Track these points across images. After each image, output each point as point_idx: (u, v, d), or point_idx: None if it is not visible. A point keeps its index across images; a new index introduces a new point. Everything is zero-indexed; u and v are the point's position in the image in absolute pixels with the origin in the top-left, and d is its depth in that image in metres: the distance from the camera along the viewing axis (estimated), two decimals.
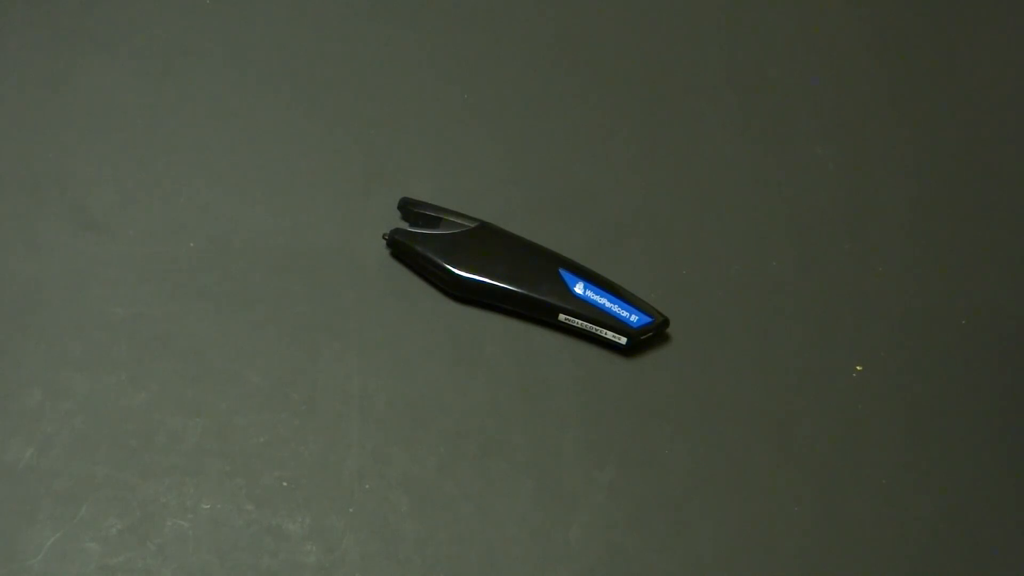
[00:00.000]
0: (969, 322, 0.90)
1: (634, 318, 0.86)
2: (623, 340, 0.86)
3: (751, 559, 0.80)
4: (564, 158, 0.96)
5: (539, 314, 0.87)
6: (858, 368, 0.88)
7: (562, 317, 0.86)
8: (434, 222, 0.89)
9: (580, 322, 0.86)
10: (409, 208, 0.90)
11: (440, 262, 0.87)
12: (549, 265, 0.88)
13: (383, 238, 0.89)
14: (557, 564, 0.79)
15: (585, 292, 0.86)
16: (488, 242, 0.89)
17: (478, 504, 0.81)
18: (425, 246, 0.88)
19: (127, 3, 1.00)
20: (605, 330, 0.86)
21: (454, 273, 0.87)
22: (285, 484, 0.81)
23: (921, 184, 0.97)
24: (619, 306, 0.86)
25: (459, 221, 0.89)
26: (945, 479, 0.84)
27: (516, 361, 0.86)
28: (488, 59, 1.01)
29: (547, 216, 0.92)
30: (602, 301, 0.86)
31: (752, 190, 0.96)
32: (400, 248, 0.89)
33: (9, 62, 0.96)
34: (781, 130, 0.99)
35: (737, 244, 0.93)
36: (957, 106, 1.01)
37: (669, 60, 1.02)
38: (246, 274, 0.88)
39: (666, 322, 0.87)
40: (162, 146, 0.93)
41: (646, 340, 0.87)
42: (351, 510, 0.80)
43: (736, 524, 0.81)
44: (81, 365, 0.84)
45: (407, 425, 0.83)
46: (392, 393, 0.84)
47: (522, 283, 0.87)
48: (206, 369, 0.84)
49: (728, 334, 0.89)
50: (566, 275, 0.87)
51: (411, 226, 0.90)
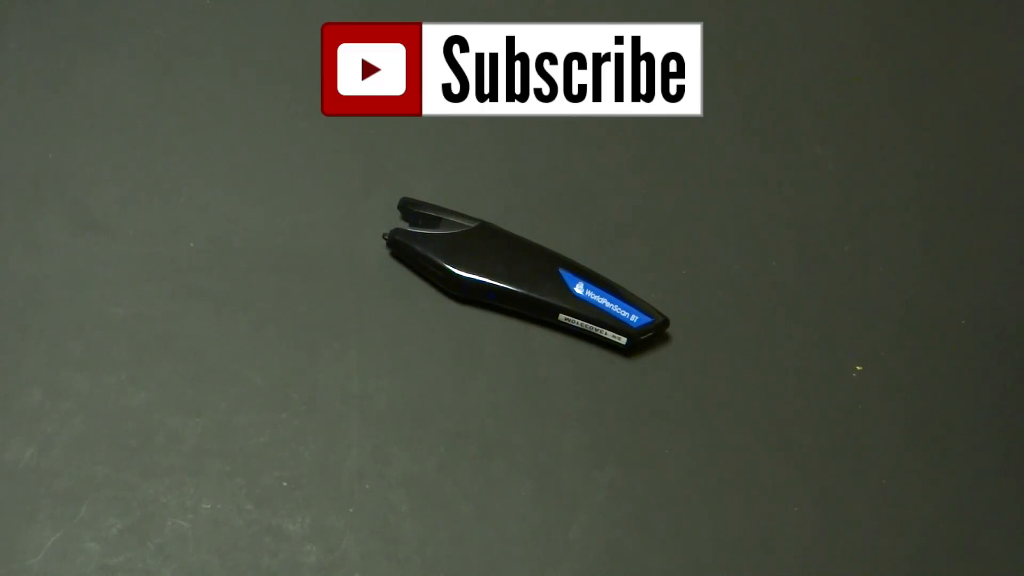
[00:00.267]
0: (969, 322, 0.90)
1: (634, 318, 0.86)
2: (623, 340, 0.86)
3: (751, 559, 0.80)
4: (564, 158, 0.96)
5: (539, 314, 0.87)
6: (858, 368, 0.88)
7: (562, 317, 0.86)
8: (434, 222, 0.89)
9: (580, 322, 0.86)
10: (409, 208, 0.90)
11: (440, 262, 0.87)
12: (549, 265, 0.88)
13: (383, 238, 0.89)
14: (557, 564, 0.79)
15: (585, 292, 0.86)
16: (488, 242, 0.89)
17: (478, 504, 0.81)
18: (425, 246, 0.88)
19: (127, 3, 1.00)
20: (605, 330, 0.86)
21: (454, 273, 0.87)
22: (285, 484, 0.80)
23: (921, 184, 0.97)
24: (619, 306, 0.86)
25: (459, 221, 0.89)
26: (945, 479, 0.84)
27: (516, 361, 0.86)
28: None
29: (547, 216, 0.92)
30: (602, 301, 0.86)
31: (752, 190, 0.96)
32: (400, 248, 0.89)
33: (9, 62, 0.96)
34: (781, 130, 0.99)
35: (737, 244, 0.93)
36: (957, 106, 1.01)
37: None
38: (246, 274, 0.88)
39: (666, 322, 0.87)
40: (162, 146, 0.93)
41: (646, 340, 0.87)
42: (351, 510, 0.80)
43: (736, 524, 0.81)
44: (81, 365, 0.83)
45: (407, 425, 0.83)
46: (392, 393, 0.84)
47: (522, 283, 0.87)
48: (206, 369, 0.84)
49: (728, 334, 0.89)
50: (566, 275, 0.87)
51: (411, 226, 0.90)
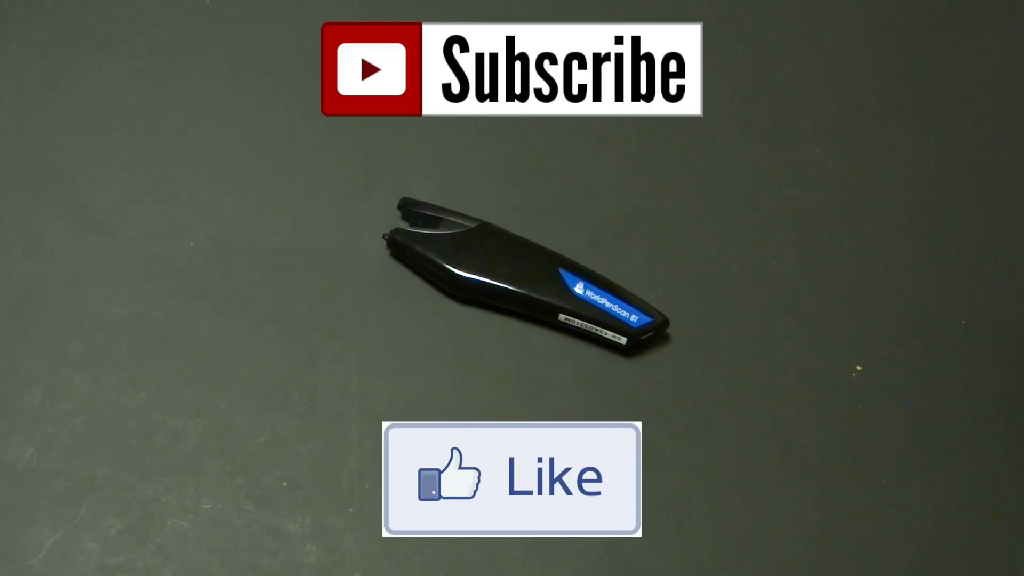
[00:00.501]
0: (969, 322, 0.90)
1: (634, 318, 0.86)
2: (623, 340, 0.86)
3: (751, 559, 0.80)
4: (564, 158, 0.96)
5: (539, 314, 0.87)
6: (858, 368, 0.88)
7: (562, 317, 0.86)
8: (434, 222, 0.89)
9: (580, 322, 0.86)
10: (409, 208, 0.90)
11: (440, 262, 0.87)
12: (549, 265, 0.88)
13: (383, 238, 0.89)
14: (557, 564, 0.79)
15: (585, 292, 0.86)
16: (488, 242, 0.89)
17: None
18: (425, 246, 0.88)
19: (127, 3, 1.00)
20: (605, 330, 0.86)
21: (454, 273, 0.87)
22: (285, 484, 0.80)
23: (921, 184, 0.97)
24: (619, 306, 0.86)
25: (459, 221, 0.89)
26: (945, 479, 0.84)
27: (516, 361, 0.86)
28: None
29: (547, 216, 0.92)
30: (602, 301, 0.86)
31: (752, 190, 0.95)
32: (400, 248, 0.89)
33: (9, 62, 0.96)
34: (781, 130, 0.99)
35: (737, 244, 0.93)
36: (957, 106, 1.01)
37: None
38: (246, 274, 0.88)
39: (666, 322, 0.87)
40: (162, 146, 0.93)
41: (646, 340, 0.87)
42: (351, 510, 0.80)
43: (736, 524, 0.81)
44: (81, 365, 0.83)
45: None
46: (392, 393, 0.84)
47: (522, 283, 0.87)
48: (206, 369, 0.84)
49: (728, 334, 0.89)
50: (566, 275, 0.87)
51: (411, 226, 0.89)
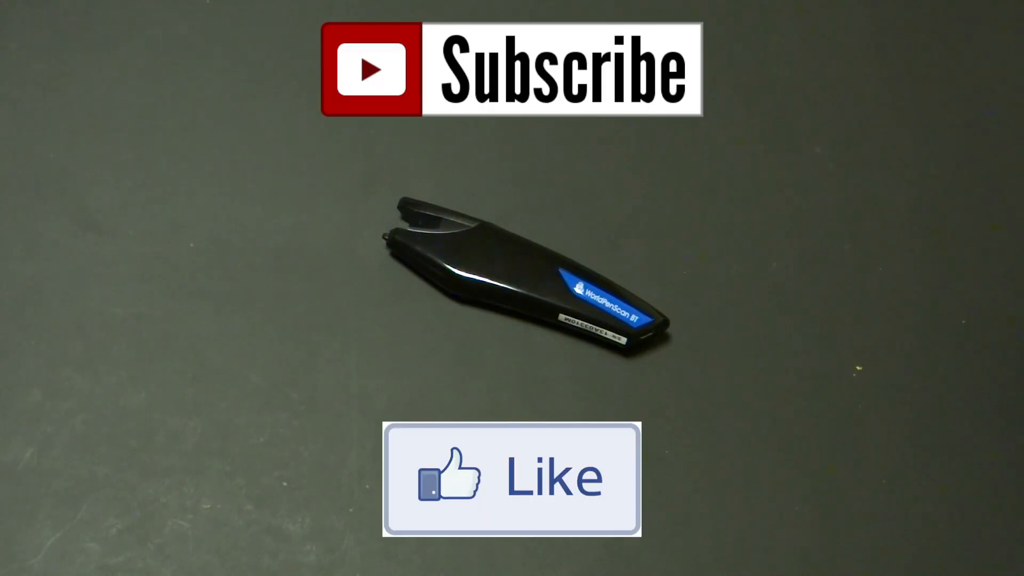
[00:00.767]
0: (969, 322, 0.90)
1: (634, 318, 0.86)
2: (623, 340, 0.86)
3: (751, 559, 0.80)
4: (564, 158, 0.96)
5: (539, 314, 0.87)
6: (858, 368, 0.88)
7: (562, 317, 0.86)
8: (434, 222, 0.89)
9: (580, 322, 0.86)
10: (409, 208, 0.90)
11: (440, 262, 0.87)
12: (549, 265, 0.88)
13: (383, 238, 0.89)
14: (557, 564, 0.79)
15: (585, 292, 0.86)
16: (488, 242, 0.88)
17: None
18: (425, 246, 0.88)
19: (127, 3, 1.00)
20: (605, 330, 0.86)
21: (454, 273, 0.87)
22: (285, 484, 0.80)
23: (921, 184, 0.97)
24: (619, 306, 0.86)
25: (459, 221, 0.89)
26: (945, 479, 0.84)
27: (516, 361, 0.86)
28: None
29: (547, 216, 0.92)
30: (602, 301, 0.86)
31: (752, 190, 0.95)
32: (400, 248, 0.89)
33: (9, 62, 0.96)
34: (781, 130, 0.99)
35: (737, 244, 0.93)
36: (957, 106, 1.01)
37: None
38: (246, 274, 0.88)
39: (666, 322, 0.87)
40: (162, 146, 0.93)
41: (646, 340, 0.87)
42: (351, 510, 0.80)
43: (736, 524, 0.81)
44: (81, 365, 0.83)
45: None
46: (392, 393, 0.84)
47: (522, 283, 0.87)
48: (206, 369, 0.84)
49: (728, 334, 0.89)
50: (566, 275, 0.87)
51: (411, 226, 0.89)
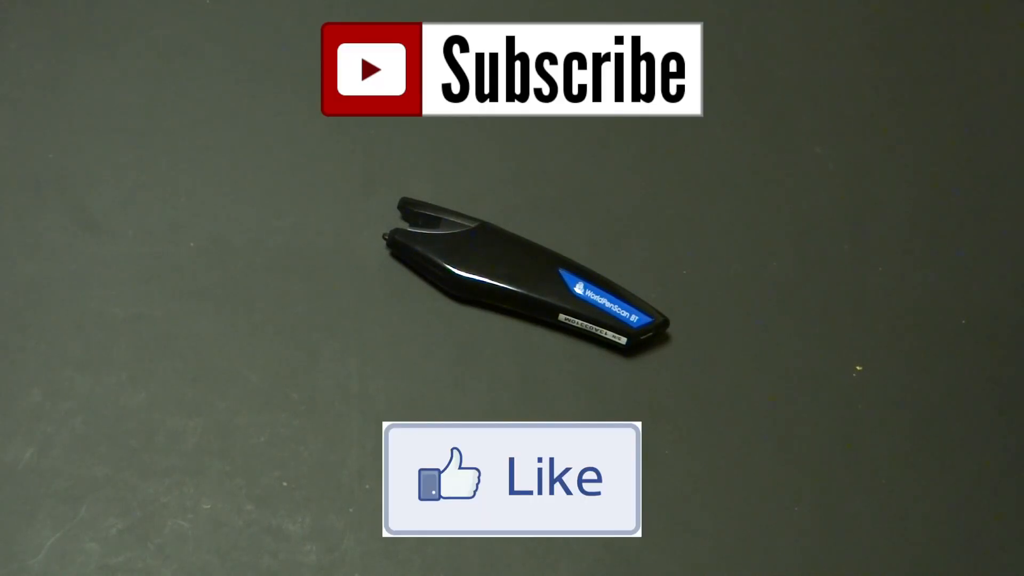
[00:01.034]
0: (969, 322, 0.90)
1: (634, 318, 0.86)
2: (623, 340, 0.86)
3: (751, 559, 0.80)
4: (564, 158, 0.96)
5: (539, 314, 0.87)
6: (858, 368, 0.88)
7: (562, 317, 0.86)
8: (434, 222, 0.89)
9: (580, 322, 0.86)
10: (409, 208, 0.90)
11: (440, 262, 0.87)
12: (549, 265, 0.88)
13: (383, 238, 0.89)
14: (556, 564, 0.79)
15: (585, 292, 0.86)
16: (488, 242, 0.89)
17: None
18: (425, 246, 0.88)
19: (127, 3, 1.00)
20: (605, 330, 0.86)
21: (454, 273, 0.87)
22: (285, 484, 0.80)
23: (921, 184, 0.97)
24: (619, 306, 0.86)
25: (459, 221, 0.89)
26: (945, 479, 0.84)
27: (516, 361, 0.86)
28: None
29: (547, 216, 0.92)
30: (602, 301, 0.86)
31: (752, 190, 0.95)
32: (400, 248, 0.89)
33: (9, 62, 0.96)
34: (781, 130, 0.99)
35: (737, 244, 0.93)
36: (957, 106, 1.01)
37: None
38: (246, 274, 0.88)
39: (666, 322, 0.87)
40: (162, 146, 0.93)
41: (646, 340, 0.87)
42: (351, 510, 0.80)
43: (736, 524, 0.81)
44: (81, 365, 0.83)
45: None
46: (392, 393, 0.84)
47: (522, 283, 0.87)
48: (206, 369, 0.84)
49: (728, 334, 0.89)
50: (566, 275, 0.87)
51: (411, 226, 0.89)
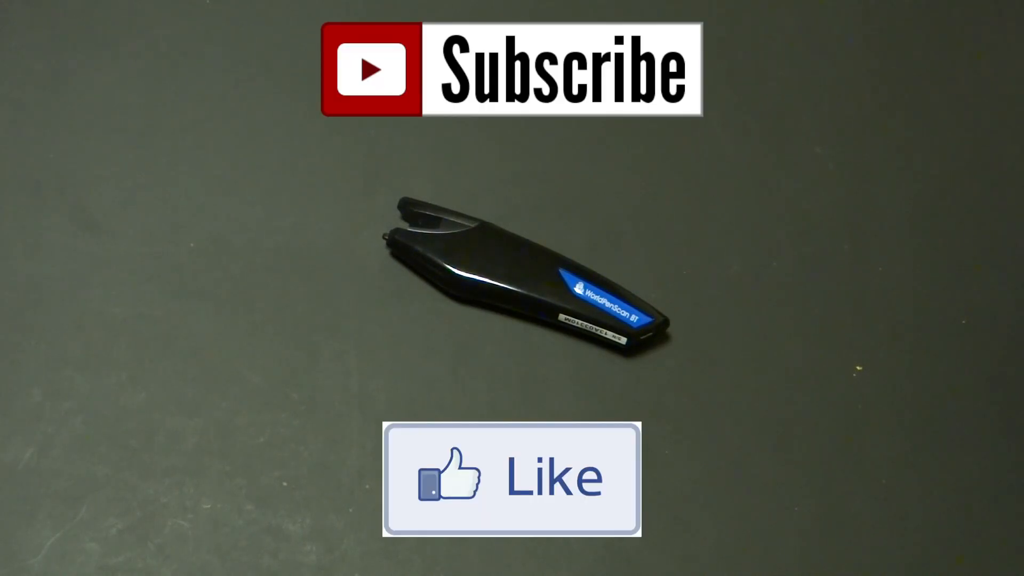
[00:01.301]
0: (969, 322, 0.90)
1: (634, 318, 0.86)
2: (623, 340, 0.86)
3: (751, 559, 0.80)
4: (564, 158, 0.96)
5: (539, 314, 0.87)
6: (858, 368, 0.88)
7: (562, 317, 0.86)
8: (434, 222, 0.89)
9: (580, 322, 0.86)
10: (409, 208, 0.90)
11: (440, 262, 0.87)
12: (549, 265, 0.88)
13: (383, 238, 0.89)
14: (556, 564, 0.79)
15: (585, 292, 0.86)
16: (488, 242, 0.89)
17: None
18: (425, 246, 0.88)
19: (127, 3, 1.00)
20: (605, 330, 0.86)
21: (454, 273, 0.87)
22: (285, 484, 0.80)
23: (921, 184, 0.97)
24: (619, 306, 0.86)
25: (459, 221, 0.89)
26: (945, 479, 0.84)
27: (516, 361, 0.86)
28: None
29: (547, 216, 0.92)
30: (602, 301, 0.86)
31: (752, 190, 0.95)
32: (400, 248, 0.89)
33: (9, 62, 0.96)
34: (781, 130, 0.99)
35: (737, 244, 0.93)
36: (957, 106, 1.01)
37: None
38: (246, 274, 0.88)
39: (666, 322, 0.87)
40: (162, 146, 0.93)
41: (646, 340, 0.87)
42: (351, 510, 0.80)
43: (736, 524, 0.81)
44: (81, 365, 0.83)
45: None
46: (392, 393, 0.84)
47: (522, 283, 0.87)
48: (206, 369, 0.84)
49: (728, 334, 0.89)
50: (566, 275, 0.87)
51: (411, 226, 0.89)
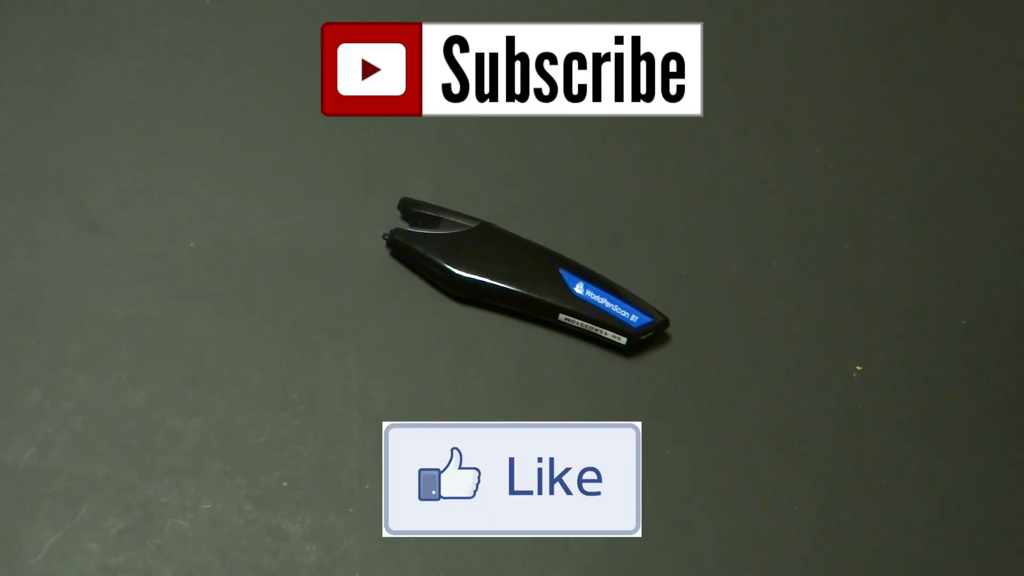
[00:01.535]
0: (969, 322, 0.90)
1: (634, 318, 0.86)
2: (623, 340, 0.86)
3: (751, 559, 0.80)
4: (564, 158, 0.96)
5: (539, 314, 0.87)
6: (858, 368, 0.88)
7: (562, 317, 0.86)
8: (434, 222, 0.89)
9: (580, 322, 0.86)
10: (409, 208, 0.90)
11: (440, 262, 0.87)
12: (549, 265, 0.88)
13: (383, 238, 0.89)
14: (556, 564, 0.79)
15: (585, 292, 0.86)
16: (488, 242, 0.89)
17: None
18: (425, 246, 0.88)
19: (127, 3, 1.00)
20: (605, 330, 0.86)
21: (454, 273, 0.87)
22: (285, 484, 0.80)
23: (921, 184, 0.97)
24: (619, 306, 0.86)
25: (459, 221, 0.89)
26: (945, 479, 0.84)
27: (516, 361, 0.86)
28: None
29: (547, 216, 0.92)
30: (602, 301, 0.86)
31: (752, 190, 0.95)
32: (400, 248, 0.89)
33: (9, 62, 0.96)
34: (781, 130, 0.99)
35: (737, 244, 0.93)
36: (957, 106, 1.01)
37: None
38: (246, 274, 0.88)
39: (666, 322, 0.87)
40: (162, 146, 0.93)
41: (646, 340, 0.87)
42: (351, 510, 0.80)
43: (736, 524, 0.81)
44: (81, 365, 0.83)
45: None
46: (392, 393, 0.84)
47: (522, 283, 0.87)
48: (206, 369, 0.84)
49: (728, 334, 0.89)
50: (566, 275, 0.87)
51: (411, 226, 0.89)
